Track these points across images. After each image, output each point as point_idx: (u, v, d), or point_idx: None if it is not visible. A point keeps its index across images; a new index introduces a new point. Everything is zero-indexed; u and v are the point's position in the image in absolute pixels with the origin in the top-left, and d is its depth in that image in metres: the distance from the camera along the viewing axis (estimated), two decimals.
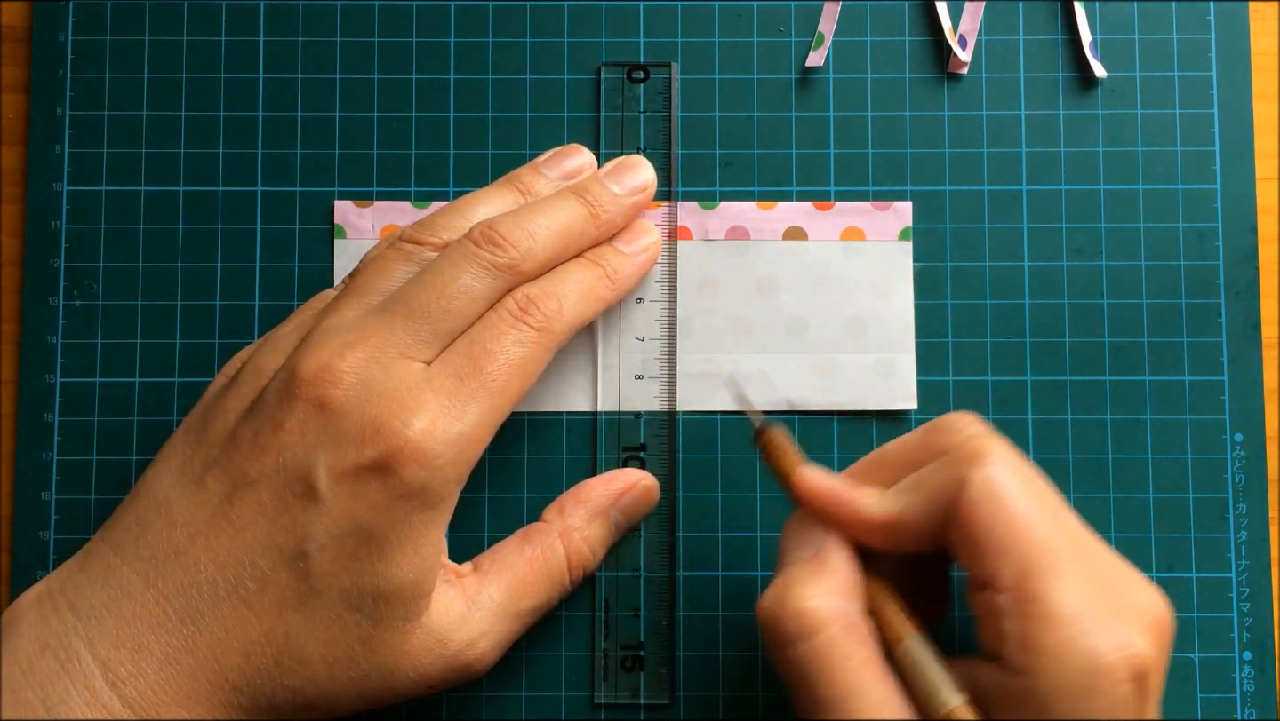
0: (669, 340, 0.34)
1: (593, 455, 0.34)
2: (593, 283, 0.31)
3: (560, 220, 0.31)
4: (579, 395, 0.34)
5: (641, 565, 0.34)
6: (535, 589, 0.31)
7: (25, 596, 0.28)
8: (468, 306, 0.29)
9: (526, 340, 0.29)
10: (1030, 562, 0.25)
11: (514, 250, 0.29)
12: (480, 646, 0.29)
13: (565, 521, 0.32)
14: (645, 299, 0.34)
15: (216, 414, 0.29)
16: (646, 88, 0.34)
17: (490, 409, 0.28)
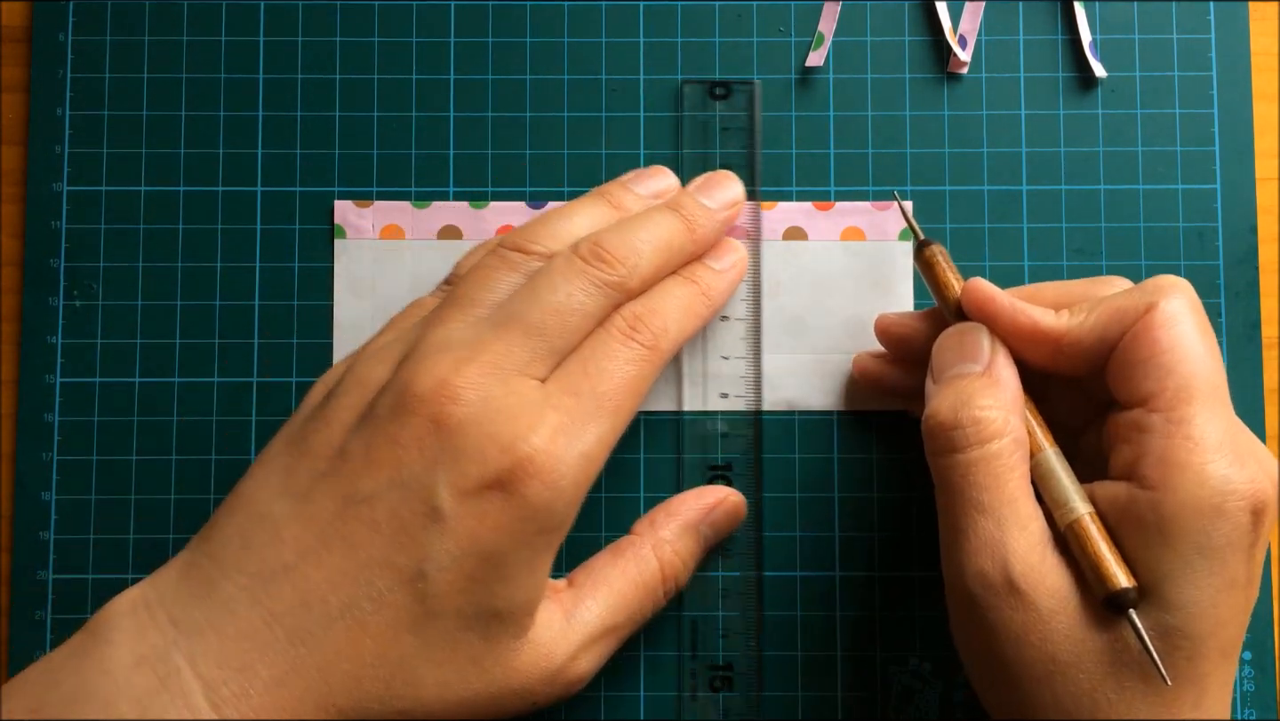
0: (753, 356, 0.34)
1: (678, 473, 0.34)
2: (692, 300, 0.31)
3: (661, 236, 0.30)
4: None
5: (717, 568, 0.34)
6: (632, 601, 0.30)
7: (119, 601, 0.27)
8: (582, 324, 0.28)
9: (638, 359, 0.29)
10: (1192, 390, 0.27)
11: (622, 267, 0.29)
12: (582, 661, 0.29)
13: (657, 534, 0.32)
14: (730, 316, 0.34)
15: (320, 426, 0.28)
16: (727, 104, 0.35)
17: (608, 427, 0.28)
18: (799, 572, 0.34)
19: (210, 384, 0.35)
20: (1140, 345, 0.27)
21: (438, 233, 0.35)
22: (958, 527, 0.27)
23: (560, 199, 0.35)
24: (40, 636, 0.34)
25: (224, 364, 0.35)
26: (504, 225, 0.35)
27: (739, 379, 0.34)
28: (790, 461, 0.34)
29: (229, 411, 0.35)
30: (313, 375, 0.35)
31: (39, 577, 0.34)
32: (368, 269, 0.35)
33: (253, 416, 0.34)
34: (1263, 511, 0.26)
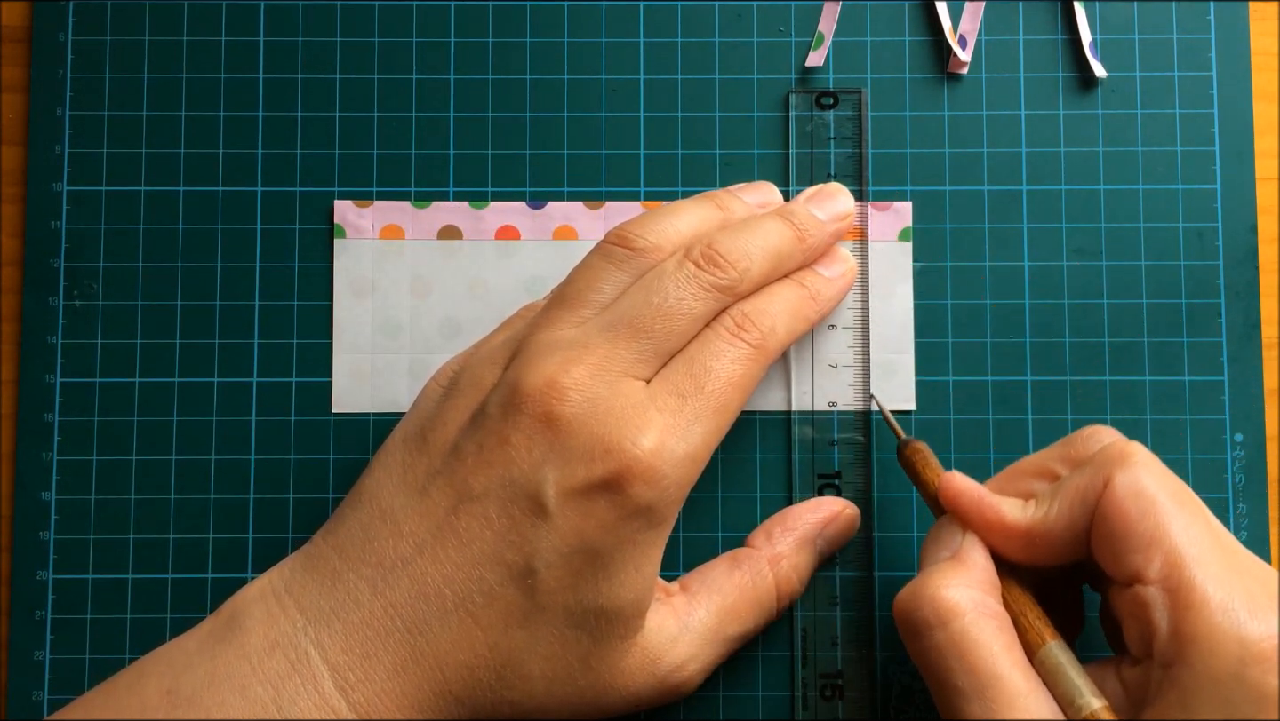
0: (863, 366, 0.34)
1: (788, 488, 0.34)
2: (800, 303, 0.31)
3: (772, 242, 0.31)
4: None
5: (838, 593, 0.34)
6: (744, 614, 0.31)
7: (249, 589, 0.28)
8: (690, 327, 0.29)
9: (744, 358, 0.29)
10: (1178, 553, 0.26)
11: (733, 270, 0.29)
12: (689, 668, 0.29)
13: (774, 548, 0.32)
14: (837, 325, 0.34)
15: (436, 424, 0.29)
16: (835, 114, 0.35)
17: (713, 427, 0.28)
18: None
19: (210, 384, 0.35)
20: (1112, 524, 0.26)
21: (438, 233, 0.35)
22: (947, 716, 0.27)
23: (560, 199, 0.35)
24: (40, 636, 0.34)
25: (224, 364, 0.35)
26: (504, 225, 0.35)
27: (847, 387, 0.34)
28: (790, 461, 0.34)
29: (229, 411, 0.35)
30: (313, 375, 0.35)
31: (39, 577, 0.34)
32: (368, 269, 0.35)
33: (253, 416, 0.34)
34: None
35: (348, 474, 0.34)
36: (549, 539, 0.27)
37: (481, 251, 0.35)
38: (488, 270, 0.35)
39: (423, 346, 0.35)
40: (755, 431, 0.34)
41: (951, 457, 0.34)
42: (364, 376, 0.35)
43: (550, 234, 0.35)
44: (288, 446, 0.34)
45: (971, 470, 0.34)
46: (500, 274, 0.35)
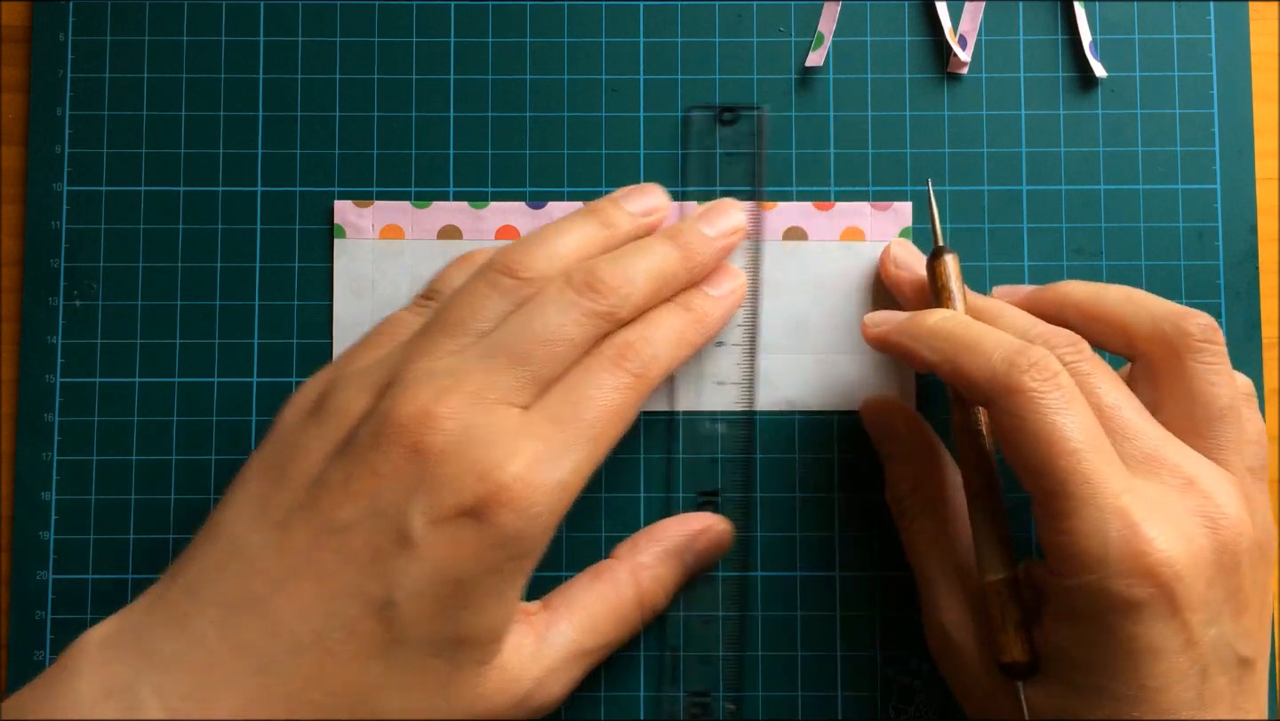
0: (748, 383, 0.34)
1: (666, 494, 0.34)
2: (685, 327, 0.31)
3: (656, 264, 0.30)
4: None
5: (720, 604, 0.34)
6: (605, 626, 0.30)
7: (91, 634, 0.26)
8: (569, 353, 0.29)
9: (624, 386, 0.29)
10: (1055, 479, 0.26)
11: (614, 296, 0.29)
12: (550, 685, 0.29)
13: (637, 558, 0.32)
14: (726, 342, 0.34)
15: (297, 454, 0.28)
16: (733, 131, 0.35)
17: (587, 456, 0.28)
18: (799, 573, 0.34)
19: (210, 384, 0.35)
20: (1006, 450, 0.28)
21: (438, 232, 0.35)
22: (919, 588, 0.32)
23: (560, 199, 0.35)
24: (40, 636, 0.34)
25: (224, 364, 0.35)
26: (504, 225, 0.35)
27: (733, 404, 0.34)
28: (790, 461, 0.34)
29: (229, 411, 0.35)
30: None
31: (39, 577, 0.34)
32: (368, 269, 0.35)
33: (253, 416, 0.34)
34: (1172, 579, 0.26)
35: None
36: (413, 569, 0.26)
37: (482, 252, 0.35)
38: None
39: None
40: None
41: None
42: None
43: None
44: None
45: None
46: None
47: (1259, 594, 0.27)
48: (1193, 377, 0.29)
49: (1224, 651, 0.26)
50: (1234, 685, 0.26)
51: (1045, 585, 0.28)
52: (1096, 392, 0.28)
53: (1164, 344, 0.29)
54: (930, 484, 0.32)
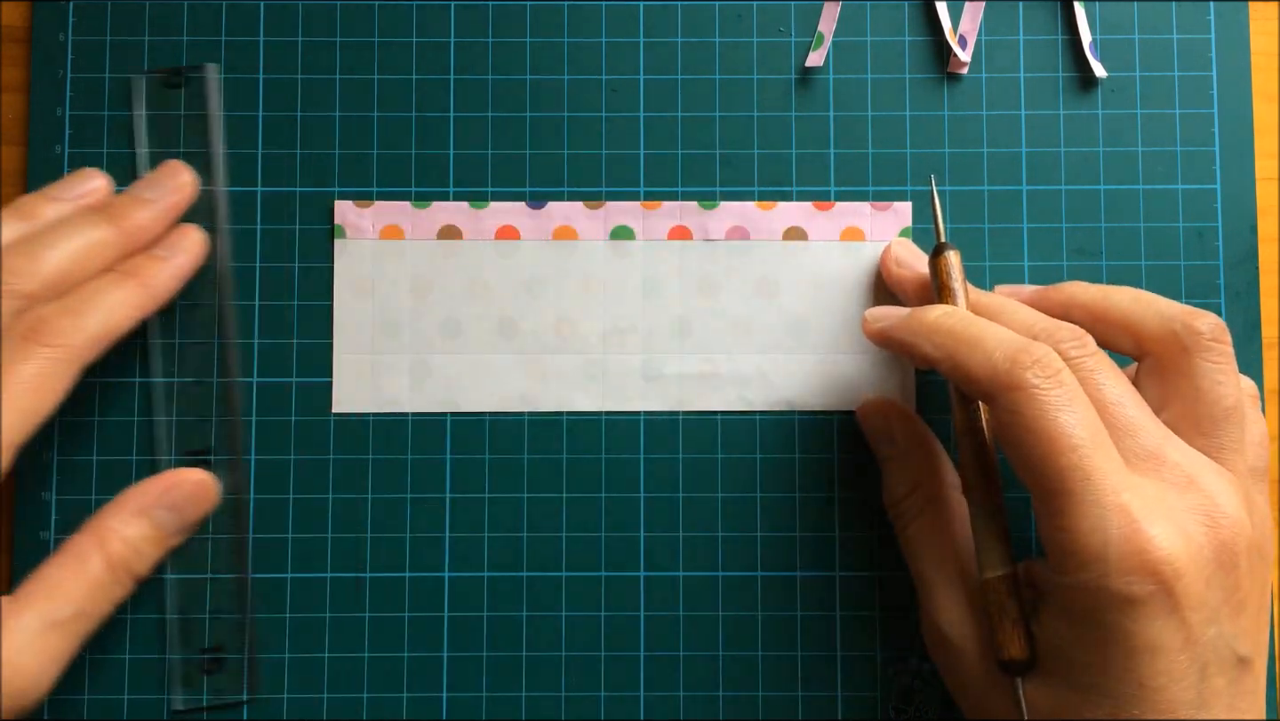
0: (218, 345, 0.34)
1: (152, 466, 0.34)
2: (122, 293, 0.30)
3: (75, 237, 0.30)
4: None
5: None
6: (73, 594, 0.29)
7: None
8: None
9: (38, 359, 0.28)
10: (1054, 478, 0.26)
11: (15, 279, 0.29)
12: (24, 665, 0.28)
13: (103, 524, 0.31)
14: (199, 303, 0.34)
15: None
16: (188, 93, 0.34)
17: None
18: (799, 573, 0.34)
19: (210, 384, 0.35)
20: (1006, 450, 0.28)
21: (438, 232, 0.35)
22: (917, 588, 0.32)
23: (560, 199, 0.35)
24: None
25: (223, 364, 0.35)
26: (504, 225, 0.35)
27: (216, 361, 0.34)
28: (790, 461, 0.34)
29: None
30: (313, 375, 0.35)
31: None
32: (368, 269, 0.35)
33: (253, 416, 0.34)
34: (1172, 577, 0.26)
35: (348, 474, 0.34)
36: None
37: (481, 251, 0.35)
38: (488, 270, 0.35)
39: (423, 346, 0.35)
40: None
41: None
42: (364, 376, 0.35)
43: (550, 234, 0.35)
44: (288, 446, 0.34)
45: None
46: (500, 274, 0.35)
47: (1257, 593, 0.27)
48: (1200, 376, 0.29)
49: (1223, 650, 0.26)
50: (1232, 685, 0.26)
51: (1044, 583, 0.28)
52: (1100, 388, 0.28)
53: (1173, 342, 0.29)
54: (928, 484, 0.32)
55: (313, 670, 0.34)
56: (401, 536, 0.34)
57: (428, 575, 0.34)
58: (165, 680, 0.34)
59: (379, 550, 0.34)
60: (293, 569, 0.34)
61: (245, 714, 0.34)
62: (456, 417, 0.35)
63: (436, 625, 0.34)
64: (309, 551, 0.34)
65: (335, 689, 0.34)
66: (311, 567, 0.34)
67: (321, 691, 0.34)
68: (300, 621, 0.34)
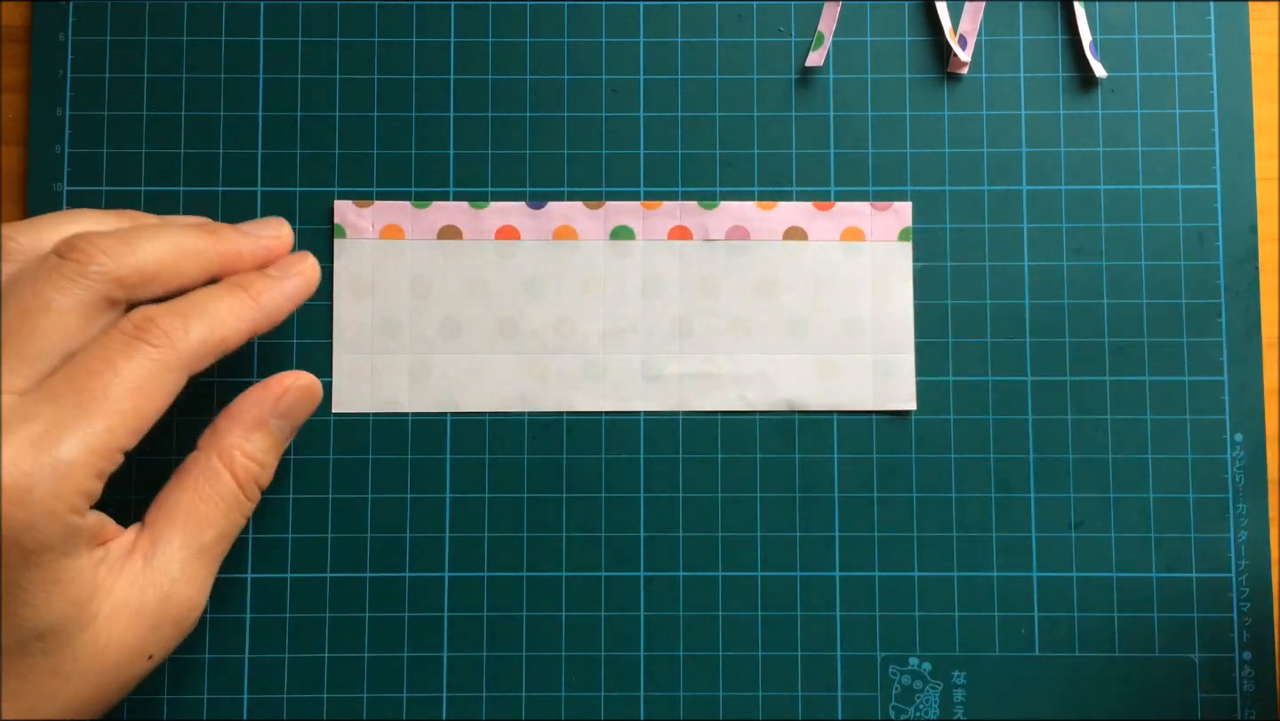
0: None
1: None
2: (231, 301, 0.29)
3: (169, 234, 0.29)
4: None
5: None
6: (213, 517, 0.29)
7: None
8: (55, 324, 0.26)
9: (142, 357, 0.27)
10: None
11: (104, 256, 0.27)
12: (180, 593, 0.28)
13: (221, 442, 0.30)
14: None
15: None
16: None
17: (98, 430, 0.26)
18: (799, 573, 0.34)
19: (210, 384, 0.35)
20: None
21: (438, 232, 0.35)
22: None
23: (560, 199, 0.35)
24: None
25: (224, 364, 0.35)
26: (504, 225, 0.35)
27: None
28: (790, 461, 0.34)
29: None
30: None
31: None
32: (368, 269, 0.35)
33: None
34: None
35: (348, 474, 0.34)
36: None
37: (481, 251, 0.35)
38: (488, 270, 0.35)
39: (423, 346, 0.35)
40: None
41: (951, 458, 0.34)
42: (364, 376, 0.35)
43: (550, 234, 0.35)
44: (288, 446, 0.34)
45: (972, 470, 0.34)
46: (500, 274, 0.35)
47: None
48: None
49: None
50: None
51: None
52: None
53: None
54: None
55: (313, 670, 0.34)
56: (401, 536, 0.34)
57: (428, 575, 0.34)
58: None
59: (379, 550, 0.34)
60: (293, 569, 0.34)
61: (245, 714, 0.34)
62: (456, 418, 0.35)
63: (436, 625, 0.34)
64: (309, 551, 0.34)
65: (335, 689, 0.34)
66: (311, 567, 0.34)
67: (321, 691, 0.34)
68: (300, 621, 0.34)
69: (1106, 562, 0.34)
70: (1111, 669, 0.34)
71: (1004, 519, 0.34)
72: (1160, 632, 0.34)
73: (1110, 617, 0.34)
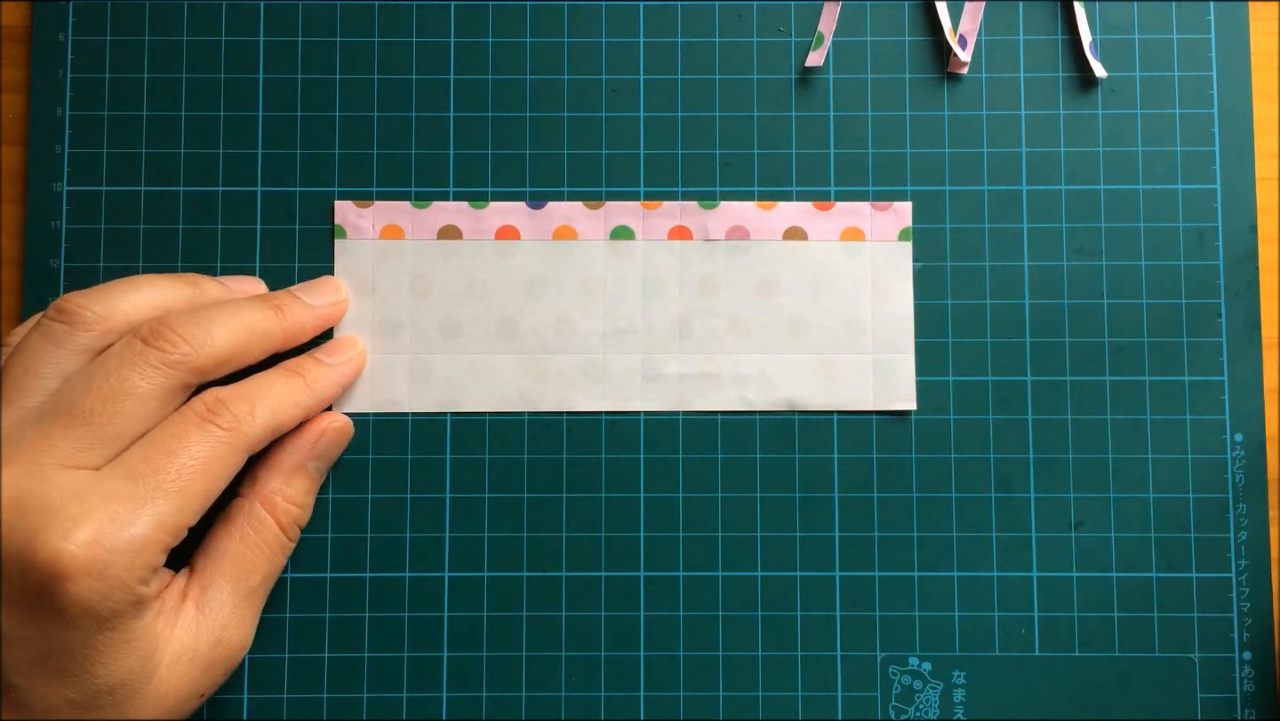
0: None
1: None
2: (291, 388, 0.31)
3: (241, 316, 0.30)
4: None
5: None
6: (259, 562, 0.31)
7: None
8: (136, 407, 0.28)
9: (213, 440, 0.28)
10: None
11: (185, 345, 0.28)
12: (230, 636, 0.30)
13: (263, 489, 0.31)
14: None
15: None
16: None
17: (172, 508, 0.27)
18: (799, 573, 0.34)
19: None
20: None
21: (438, 232, 0.35)
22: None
23: (560, 199, 0.35)
24: None
25: None
26: (504, 225, 0.35)
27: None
28: (790, 461, 0.34)
29: None
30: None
31: None
32: (368, 269, 0.35)
33: None
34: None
35: (347, 474, 0.34)
36: (12, 653, 0.26)
37: (481, 251, 0.35)
38: (488, 270, 0.35)
39: (423, 346, 0.35)
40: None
41: (951, 458, 0.34)
42: (364, 376, 0.35)
43: (550, 234, 0.35)
44: None
45: (971, 470, 0.34)
46: (500, 274, 0.35)
47: None
48: None
49: None
50: None
51: None
52: None
53: None
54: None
55: (313, 670, 0.34)
56: (401, 536, 0.34)
57: (428, 575, 0.34)
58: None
59: (379, 550, 0.34)
60: (293, 569, 0.34)
61: (245, 714, 0.34)
62: (456, 417, 0.35)
63: (436, 625, 0.34)
64: (309, 551, 0.34)
65: (335, 689, 0.34)
66: (312, 567, 0.34)
67: (321, 691, 0.34)
68: (300, 621, 0.34)
69: (1106, 562, 0.34)
70: (1111, 669, 0.34)
71: (1004, 519, 0.34)
72: (1160, 632, 0.34)
73: (1110, 617, 0.34)
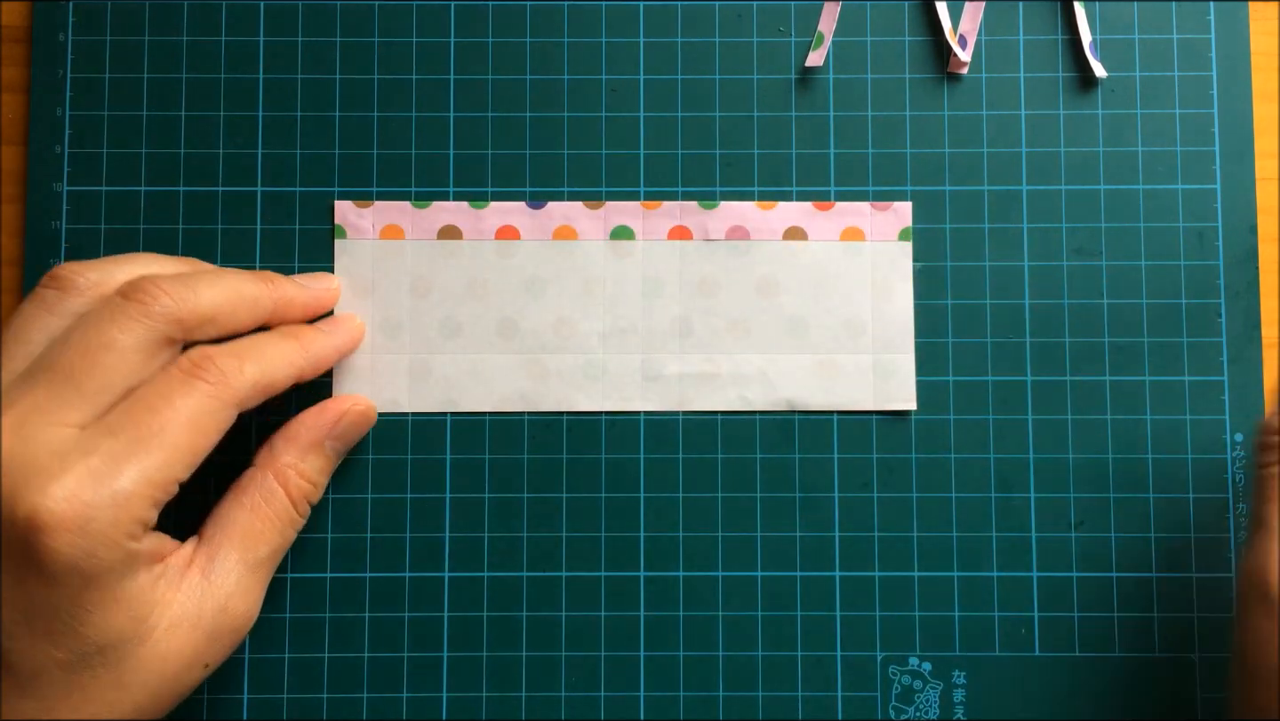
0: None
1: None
2: (283, 347, 0.31)
3: (228, 278, 0.30)
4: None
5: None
6: (268, 533, 0.30)
7: None
8: (118, 361, 0.27)
9: (198, 394, 0.28)
10: None
11: (166, 298, 0.28)
12: (235, 606, 0.29)
13: (278, 461, 0.31)
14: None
15: None
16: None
17: (154, 463, 0.27)
18: (799, 573, 0.34)
19: None
20: None
21: (438, 232, 0.35)
22: (1249, 527, 0.30)
23: (560, 199, 0.35)
24: None
25: None
26: (504, 225, 0.35)
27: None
28: (790, 461, 0.34)
29: None
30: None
31: None
32: (368, 269, 0.35)
33: (252, 417, 0.34)
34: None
35: (347, 474, 0.34)
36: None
37: (481, 251, 0.35)
38: (488, 270, 0.35)
39: (423, 346, 0.35)
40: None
41: (951, 458, 0.34)
42: (364, 376, 0.35)
43: (550, 234, 0.35)
44: None
45: (971, 470, 0.34)
46: (500, 274, 0.35)
47: None
48: None
49: None
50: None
51: None
52: None
53: None
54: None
55: (313, 670, 0.34)
56: (401, 536, 0.34)
57: (428, 575, 0.34)
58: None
59: (379, 550, 0.34)
60: (293, 569, 0.34)
61: (245, 714, 0.34)
62: (456, 417, 0.35)
63: (436, 625, 0.34)
64: (309, 551, 0.34)
65: (335, 689, 0.34)
66: (312, 568, 0.34)
67: (321, 691, 0.34)
68: (300, 621, 0.34)
69: (1106, 562, 0.34)
70: (1111, 669, 0.34)
71: (1004, 519, 0.34)
72: (1160, 632, 0.34)
73: (1110, 617, 0.34)
